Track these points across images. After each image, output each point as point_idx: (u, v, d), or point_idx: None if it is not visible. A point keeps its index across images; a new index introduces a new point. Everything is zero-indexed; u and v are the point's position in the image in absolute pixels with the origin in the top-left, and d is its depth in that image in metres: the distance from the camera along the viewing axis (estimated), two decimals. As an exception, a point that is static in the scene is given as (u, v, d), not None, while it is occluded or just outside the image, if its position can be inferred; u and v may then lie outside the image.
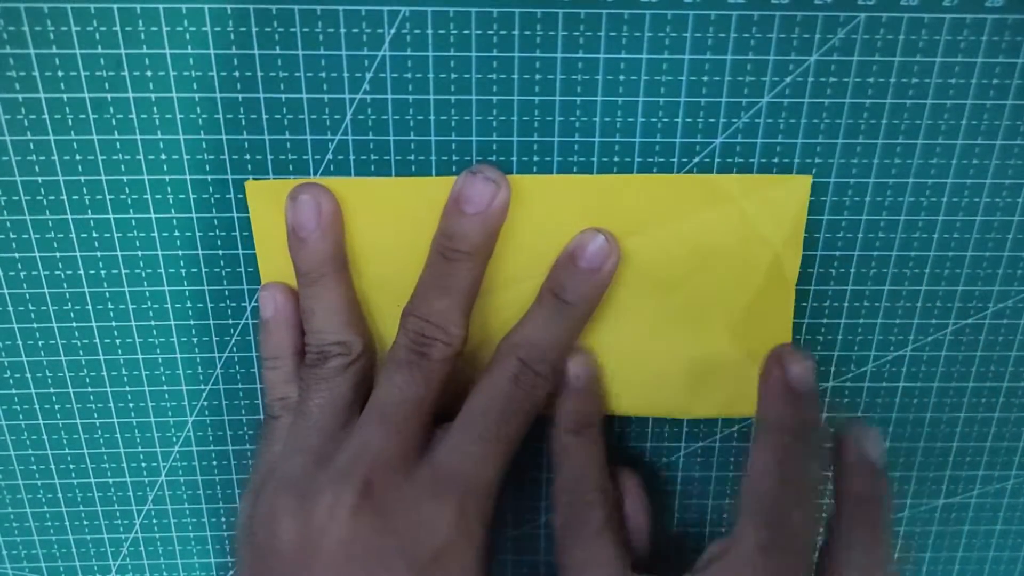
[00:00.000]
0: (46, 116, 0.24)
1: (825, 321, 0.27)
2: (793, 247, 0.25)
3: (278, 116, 0.24)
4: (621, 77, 0.24)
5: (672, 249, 0.25)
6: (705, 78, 0.24)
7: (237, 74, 0.23)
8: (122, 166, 0.24)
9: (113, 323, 0.26)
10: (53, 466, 0.28)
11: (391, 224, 0.25)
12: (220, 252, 0.26)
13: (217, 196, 0.25)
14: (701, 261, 0.25)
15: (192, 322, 0.27)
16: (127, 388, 0.27)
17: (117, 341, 0.27)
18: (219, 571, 0.31)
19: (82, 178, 0.24)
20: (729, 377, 0.27)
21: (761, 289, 0.26)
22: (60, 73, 0.23)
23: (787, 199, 0.25)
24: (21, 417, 0.28)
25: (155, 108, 0.24)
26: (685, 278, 0.25)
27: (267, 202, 0.24)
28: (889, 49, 0.24)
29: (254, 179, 0.25)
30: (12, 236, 0.25)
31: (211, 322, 0.27)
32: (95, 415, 0.28)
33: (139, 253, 0.25)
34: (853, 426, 0.25)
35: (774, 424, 0.24)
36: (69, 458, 0.28)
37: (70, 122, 0.24)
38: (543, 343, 0.24)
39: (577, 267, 0.24)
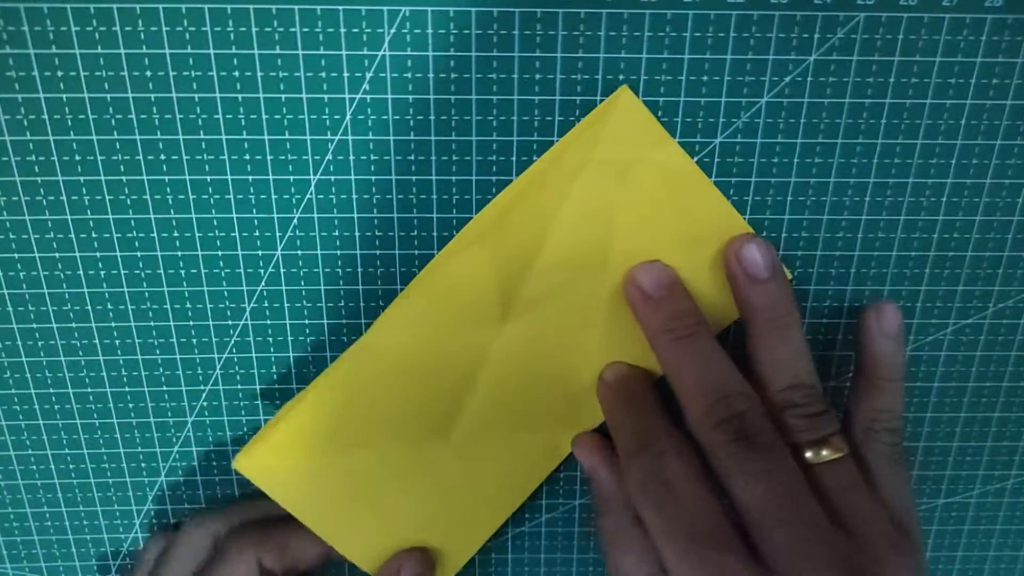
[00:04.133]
0: (45, 116, 0.24)
1: (825, 321, 0.27)
2: (664, 144, 0.24)
3: (278, 116, 0.24)
4: (621, 77, 0.24)
5: (586, 231, 0.25)
6: (704, 78, 0.24)
7: (237, 74, 0.23)
8: (121, 166, 0.24)
9: (112, 323, 0.26)
10: (53, 466, 0.28)
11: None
12: (219, 252, 0.26)
13: (216, 197, 0.25)
14: (616, 225, 0.25)
15: (192, 322, 0.27)
16: (127, 388, 0.27)
17: (116, 342, 0.27)
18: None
19: (81, 178, 0.24)
20: (704, 293, 0.26)
21: (678, 197, 0.25)
22: (59, 73, 0.23)
23: (621, 113, 0.24)
24: (21, 417, 0.28)
25: (154, 108, 0.24)
26: (618, 251, 0.25)
27: (265, 469, 0.25)
28: (888, 49, 0.24)
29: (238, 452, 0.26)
30: (12, 236, 0.25)
31: (211, 322, 0.27)
32: (95, 415, 0.28)
33: (138, 254, 0.25)
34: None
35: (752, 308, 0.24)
36: (69, 458, 0.28)
37: (69, 122, 0.24)
38: None
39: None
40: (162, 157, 0.24)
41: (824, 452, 0.23)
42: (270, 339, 0.27)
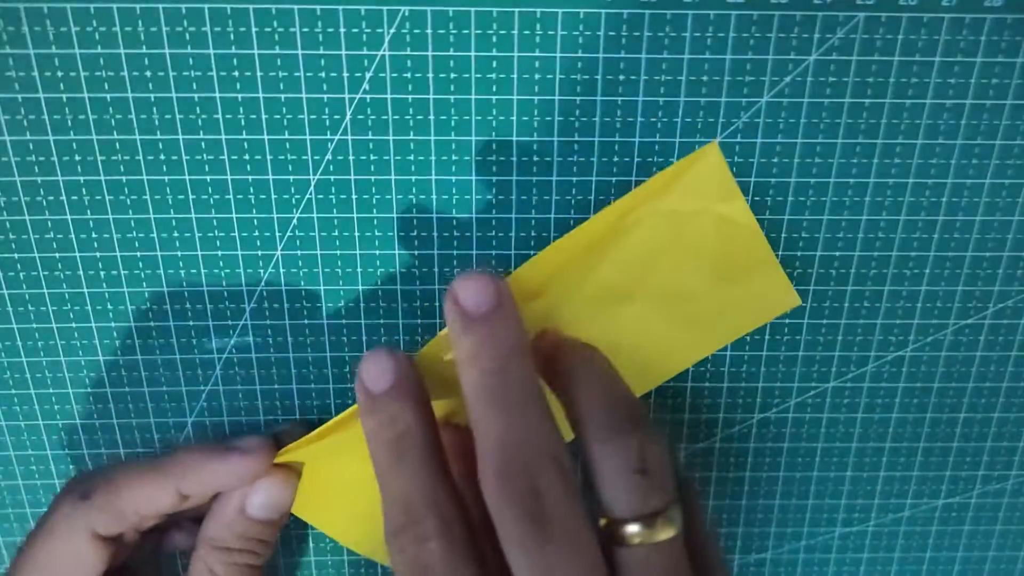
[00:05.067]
0: (45, 116, 0.24)
1: (825, 321, 0.27)
2: (732, 200, 0.23)
3: (278, 116, 0.24)
4: (621, 77, 0.24)
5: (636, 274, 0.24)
6: (704, 78, 0.24)
7: (236, 74, 0.23)
8: (121, 166, 0.24)
9: (112, 324, 0.26)
10: (53, 466, 0.28)
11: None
12: (219, 253, 0.26)
13: (216, 196, 0.25)
14: (660, 269, 0.24)
15: (192, 322, 0.27)
16: (127, 388, 0.27)
17: (116, 342, 0.27)
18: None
19: (81, 178, 0.24)
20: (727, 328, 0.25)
21: (726, 244, 0.24)
22: (59, 73, 0.23)
23: (701, 168, 0.23)
24: (21, 417, 0.28)
25: (154, 108, 0.24)
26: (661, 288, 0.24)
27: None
28: (888, 49, 0.24)
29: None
30: (12, 237, 0.25)
31: (210, 323, 0.27)
32: (95, 415, 0.28)
33: (138, 254, 0.25)
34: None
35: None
36: (69, 458, 0.28)
37: (69, 122, 0.24)
38: None
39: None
40: (162, 157, 0.24)
41: (647, 531, 0.19)
42: (270, 339, 0.27)
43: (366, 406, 0.21)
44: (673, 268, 0.24)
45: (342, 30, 0.23)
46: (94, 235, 0.25)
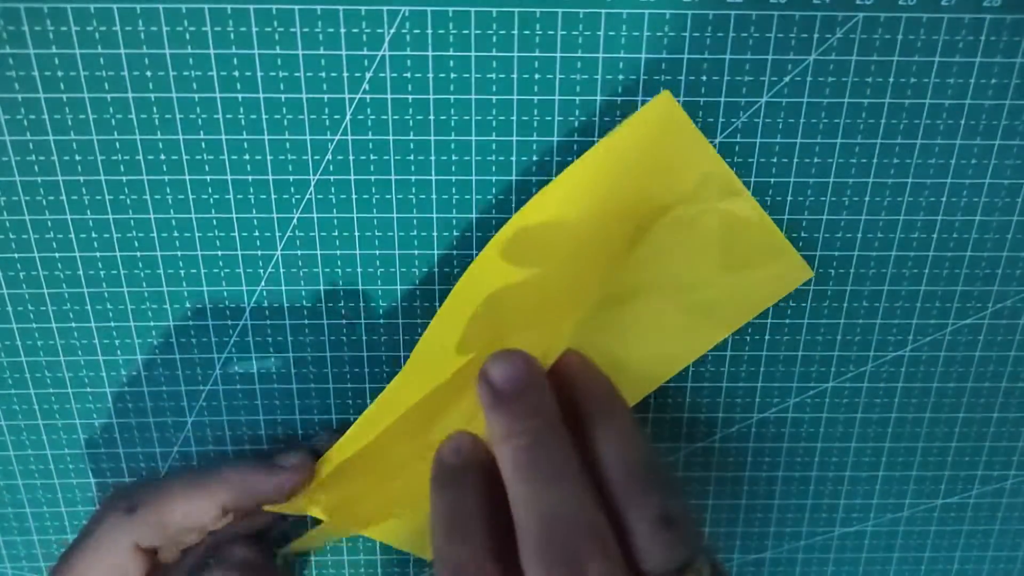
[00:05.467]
0: (45, 116, 0.24)
1: (825, 321, 0.27)
2: (735, 197, 0.24)
3: (278, 116, 0.24)
4: (620, 76, 0.24)
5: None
6: (704, 77, 0.24)
7: (237, 74, 0.23)
8: (121, 166, 0.24)
9: (112, 324, 0.26)
10: (53, 466, 0.28)
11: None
12: (219, 253, 0.26)
13: (216, 196, 0.25)
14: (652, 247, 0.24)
15: (191, 322, 0.27)
16: (126, 388, 0.27)
17: (116, 342, 0.27)
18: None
19: (81, 178, 0.24)
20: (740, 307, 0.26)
21: (736, 235, 0.25)
22: (60, 73, 0.23)
23: (703, 177, 0.23)
24: (21, 417, 0.28)
25: (154, 108, 0.24)
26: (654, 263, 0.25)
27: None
28: (887, 49, 0.24)
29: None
30: (12, 236, 0.25)
31: (210, 323, 0.27)
32: (94, 415, 0.28)
33: (138, 254, 0.25)
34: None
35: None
36: (69, 458, 0.28)
37: (69, 122, 0.24)
38: None
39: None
40: (162, 157, 0.24)
41: None
42: (270, 339, 0.27)
43: (437, 475, 0.22)
44: (681, 263, 0.25)
45: (342, 30, 0.23)
46: (94, 235, 0.25)
